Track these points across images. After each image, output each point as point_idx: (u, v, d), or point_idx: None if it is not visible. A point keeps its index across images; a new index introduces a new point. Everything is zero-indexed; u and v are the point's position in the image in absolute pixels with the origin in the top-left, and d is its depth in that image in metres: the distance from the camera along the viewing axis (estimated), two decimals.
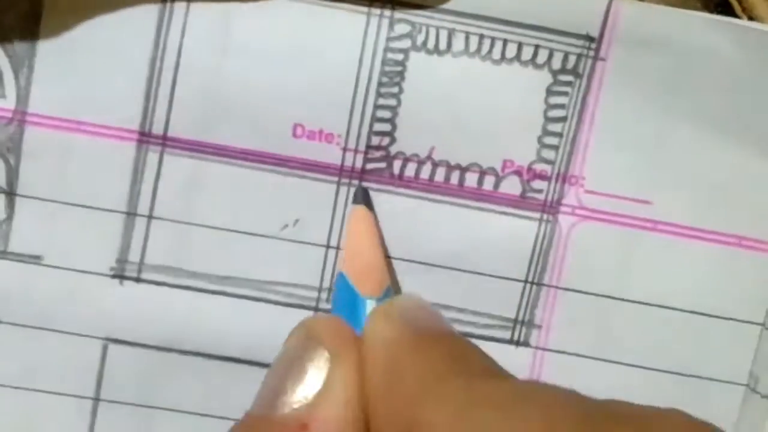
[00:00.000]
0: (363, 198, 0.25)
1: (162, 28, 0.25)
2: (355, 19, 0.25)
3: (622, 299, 0.26)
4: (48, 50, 0.25)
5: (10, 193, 0.25)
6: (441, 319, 0.18)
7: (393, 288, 0.25)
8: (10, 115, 0.25)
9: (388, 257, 0.26)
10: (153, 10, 0.24)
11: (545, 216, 0.26)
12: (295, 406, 0.16)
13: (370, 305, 0.23)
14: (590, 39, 0.25)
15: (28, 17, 0.24)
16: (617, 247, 0.26)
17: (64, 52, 0.25)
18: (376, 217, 0.25)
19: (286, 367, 0.17)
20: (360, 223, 0.25)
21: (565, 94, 0.25)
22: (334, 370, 0.16)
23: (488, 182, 0.26)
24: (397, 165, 0.26)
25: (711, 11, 0.26)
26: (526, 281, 0.26)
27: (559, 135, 0.26)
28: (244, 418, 0.17)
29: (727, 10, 0.26)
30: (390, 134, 0.25)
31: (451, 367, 0.15)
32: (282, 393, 0.16)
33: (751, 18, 0.25)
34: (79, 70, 0.25)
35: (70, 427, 0.26)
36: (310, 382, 0.16)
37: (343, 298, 0.23)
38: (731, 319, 0.27)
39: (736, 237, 0.26)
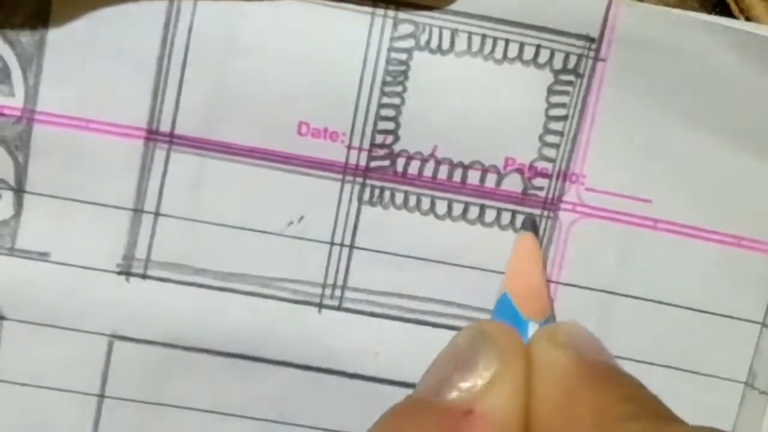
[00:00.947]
0: (531, 226, 0.26)
1: (169, 27, 0.25)
2: (359, 19, 0.25)
3: (622, 295, 0.27)
4: (56, 49, 0.25)
5: (19, 191, 0.26)
6: (607, 351, 0.18)
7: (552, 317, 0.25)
8: (18, 113, 0.25)
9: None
10: (160, 9, 0.25)
11: (546, 213, 0.26)
12: (463, 393, 0.16)
13: (532, 328, 0.23)
14: (590, 40, 0.25)
15: (37, 16, 0.25)
16: (617, 245, 0.27)
17: (72, 50, 0.25)
18: (541, 245, 0.26)
19: (455, 358, 0.17)
20: (527, 247, 0.25)
21: (566, 93, 0.26)
22: (504, 367, 0.17)
23: (490, 180, 0.26)
24: (400, 163, 0.26)
25: (709, 12, 0.26)
26: None
27: (560, 133, 0.26)
28: (406, 401, 0.17)
29: (724, 10, 0.26)
30: (394, 132, 0.26)
31: (628, 407, 0.16)
32: (449, 380, 0.17)
33: (748, 18, 0.25)
34: (87, 69, 0.25)
35: (76, 423, 0.27)
36: (479, 374, 0.17)
37: (505, 318, 0.23)
38: (730, 317, 0.27)
39: (735, 236, 0.27)
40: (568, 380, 0.17)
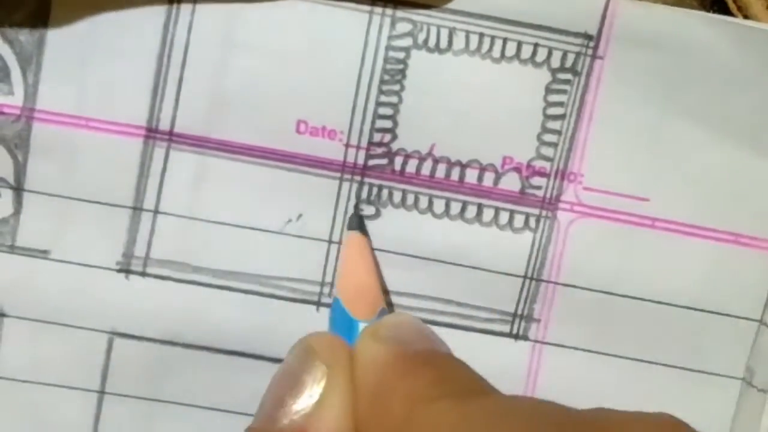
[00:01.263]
0: (357, 224, 0.26)
1: (169, 26, 0.25)
2: (357, 17, 0.25)
3: (620, 295, 0.27)
4: (56, 48, 0.25)
5: (18, 189, 0.26)
6: (430, 338, 0.18)
7: (390, 311, 0.25)
8: (18, 111, 0.25)
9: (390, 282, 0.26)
10: (160, 8, 0.25)
11: (544, 212, 0.26)
12: (295, 417, 0.17)
13: (363, 328, 0.23)
14: (588, 38, 0.25)
15: (37, 15, 0.25)
16: (615, 244, 0.27)
17: (72, 49, 0.25)
18: (370, 242, 0.26)
19: (285, 381, 0.17)
20: (353, 247, 0.25)
21: (564, 92, 0.26)
22: (330, 382, 0.17)
23: (488, 179, 0.26)
24: (398, 161, 0.26)
25: (706, 9, 0.26)
26: (525, 276, 0.27)
27: (558, 132, 0.26)
28: (246, 430, 0.17)
29: (722, 8, 0.26)
30: (391, 131, 0.26)
31: (438, 389, 0.16)
32: (281, 405, 0.17)
33: (746, 16, 0.25)
34: (87, 68, 0.25)
35: (76, 420, 0.27)
36: (308, 394, 0.17)
37: (339, 321, 0.24)
38: (728, 315, 0.27)
39: (733, 234, 0.27)
40: (383, 374, 0.17)
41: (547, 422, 0.14)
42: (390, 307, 0.27)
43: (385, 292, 0.26)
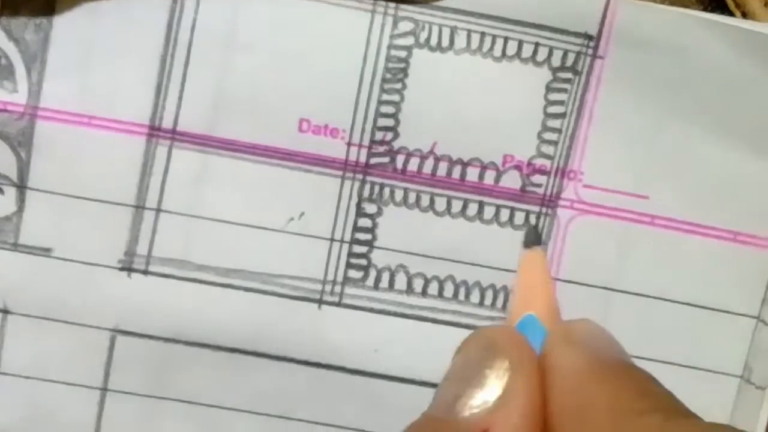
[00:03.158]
0: (536, 239, 0.25)
1: (172, 26, 0.25)
2: (359, 16, 0.25)
3: (620, 291, 0.27)
4: (60, 46, 0.25)
5: (21, 187, 0.26)
6: (620, 347, 0.18)
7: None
8: (21, 109, 0.25)
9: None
10: (164, 7, 0.25)
11: (544, 209, 0.27)
12: (476, 410, 0.17)
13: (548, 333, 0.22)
14: (589, 37, 0.26)
15: (41, 14, 0.25)
16: (615, 241, 0.27)
17: (75, 48, 0.25)
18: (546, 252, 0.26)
19: (466, 373, 0.17)
20: (536, 262, 0.24)
21: (564, 91, 0.26)
22: (514, 379, 0.17)
23: (489, 177, 0.26)
24: (400, 159, 0.26)
25: (705, 7, 0.26)
26: None
27: (558, 131, 0.26)
28: (421, 419, 0.17)
29: (720, 5, 0.26)
30: (393, 129, 0.26)
31: (644, 403, 0.16)
32: (461, 397, 0.17)
33: (744, 13, 0.26)
34: (91, 66, 0.25)
35: (79, 416, 0.27)
36: (490, 388, 0.17)
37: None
38: (726, 312, 0.27)
39: (731, 232, 0.27)
40: (581, 381, 0.17)
41: None
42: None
43: None
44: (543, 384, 0.17)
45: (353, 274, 0.27)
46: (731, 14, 0.26)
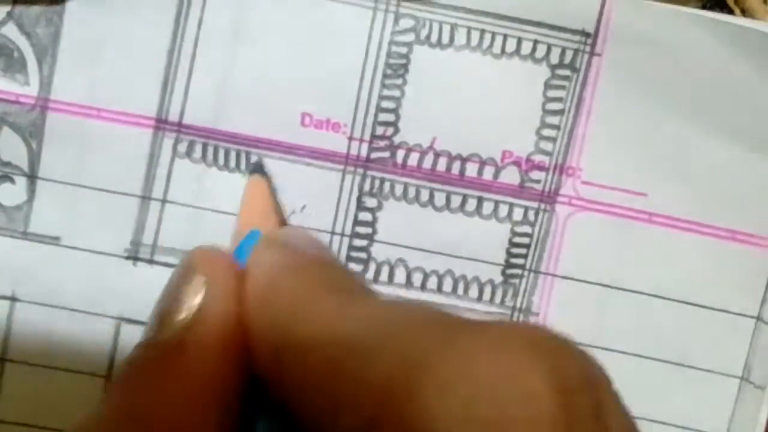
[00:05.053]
0: (259, 169, 0.26)
1: (180, 21, 0.26)
2: (361, 13, 0.26)
3: (617, 289, 0.27)
4: (70, 40, 0.26)
5: (32, 176, 0.27)
6: (323, 247, 0.19)
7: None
8: (33, 101, 0.26)
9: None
10: (172, 3, 0.26)
11: (543, 206, 0.27)
12: (175, 328, 0.17)
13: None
14: (586, 35, 0.26)
15: (52, 9, 0.26)
16: (613, 238, 0.27)
17: (86, 42, 0.26)
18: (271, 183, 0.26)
19: (167, 296, 0.18)
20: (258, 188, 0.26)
21: (563, 87, 0.26)
22: (208, 292, 0.17)
23: (488, 172, 0.27)
24: (400, 154, 0.27)
25: (703, 4, 0.27)
26: (523, 269, 0.27)
27: (557, 127, 0.27)
28: (133, 350, 0.18)
29: (718, 2, 0.27)
30: (394, 124, 0.27)
31: (325, 288, 0.16)
32: (164, 319, 0.17)
33: (743, 10, 0.26)
34: (100, 60, 0.26)
35: (84, 404, 0.27)
36: (188, 306, 0.17)
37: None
38: (725, 311, 0.27)
39: (730, 230, 0.27)
40: (271, 276, 0.17)
41: (423, 313, 0.15)
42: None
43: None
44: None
45: (353, 267, 0.27)
46: (730, 11, 0.26)
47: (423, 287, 0.27)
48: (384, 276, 0.27)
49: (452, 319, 0.15)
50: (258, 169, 0.26)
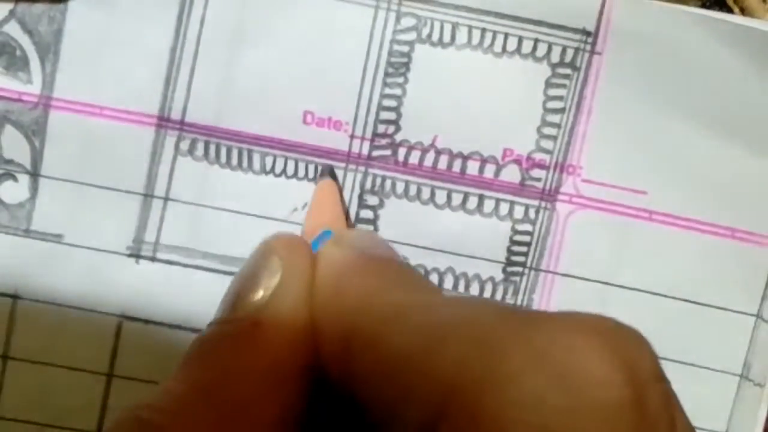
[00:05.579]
0: (330, 173, 0.26)
1: (182, 19, 0.26)
2: (363, 12, 0.26)
3: (617, 286, 0.27)
4: (73, 38, 0.26)
5: (35, 174, 0.27)
6: (389, 247, 0.19)
7: None
8: (36, 99, 0.26)
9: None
10: (174, 1, 0.26)
11: (543, 204, 0.27)
12: (249, 309, 0.17)
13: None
14: (587, 33, 0.26)
15: (55, 7, 0.26)
16: (613, 236, 0.27)
17: (88, 40, 0.26)
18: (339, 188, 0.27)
19: (243, 277, 0.18)
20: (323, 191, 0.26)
21: (563, 86, 0.26)
22: (285, 276, 0.18)
23: (489, 170, 0.27)
24: (401, 152, 0.27)
25: (704, 2, 0.27)
26: (524, 267, 0.27)
27: (558, 126, 0.27)
28: (207, 327, 0.18)
29: (717, 1, 0.27)
30: (395, 123, 0.27)
31: (394, 282, 0.17)
32: (239, 298, 0.18)
33: (743, 9, 0.26)
34: (103, 58, 0.26)
35: (85, 401, 0.28)
36: (263, 287, 0.18)
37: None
38: (725, 309, 0.28)
39: (729, 228, 0.27)
40: (339, 273, 0.17)
41: (489, 308, 0.15)
42: None
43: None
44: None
45: None
46: (730, 10, 0.26)
47: None
48: None
49: (521, 311, 0.15)
50: (329, 172, 0.26)
